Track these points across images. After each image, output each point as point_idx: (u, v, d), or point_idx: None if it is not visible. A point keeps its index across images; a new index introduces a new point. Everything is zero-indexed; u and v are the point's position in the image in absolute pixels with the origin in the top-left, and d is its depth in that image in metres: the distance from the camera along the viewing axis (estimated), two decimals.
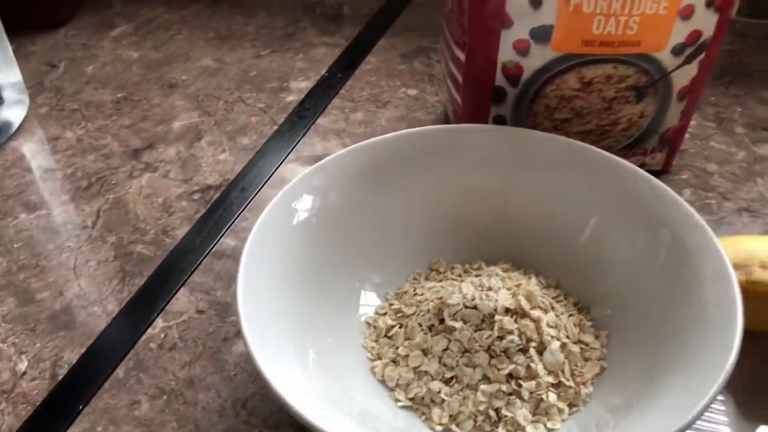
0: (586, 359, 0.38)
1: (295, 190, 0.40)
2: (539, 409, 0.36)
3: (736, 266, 0.37)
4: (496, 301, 0.38)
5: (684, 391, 0.31)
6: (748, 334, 0.38)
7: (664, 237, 0.37)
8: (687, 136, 0.57)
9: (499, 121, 0.49)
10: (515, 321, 0.37)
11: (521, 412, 0.35)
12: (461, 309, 0.38)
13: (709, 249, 0.34)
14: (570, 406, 0.36)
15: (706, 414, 0.36)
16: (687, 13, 0.43)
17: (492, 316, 0.37)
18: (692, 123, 0.58)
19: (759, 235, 0.48)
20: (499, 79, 0.47)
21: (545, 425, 0.35)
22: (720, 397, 0.37)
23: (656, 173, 0.53)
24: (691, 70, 0.46)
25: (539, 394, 0.36)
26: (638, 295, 0.38)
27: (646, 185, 0.39)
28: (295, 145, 0.58)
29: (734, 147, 0.56)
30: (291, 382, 0.32)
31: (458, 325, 0.38)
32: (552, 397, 0.36)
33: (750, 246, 0.38)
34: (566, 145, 0.42)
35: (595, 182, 0.41)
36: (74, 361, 0.42)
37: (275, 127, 0.60)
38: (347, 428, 0.32)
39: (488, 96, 0.48)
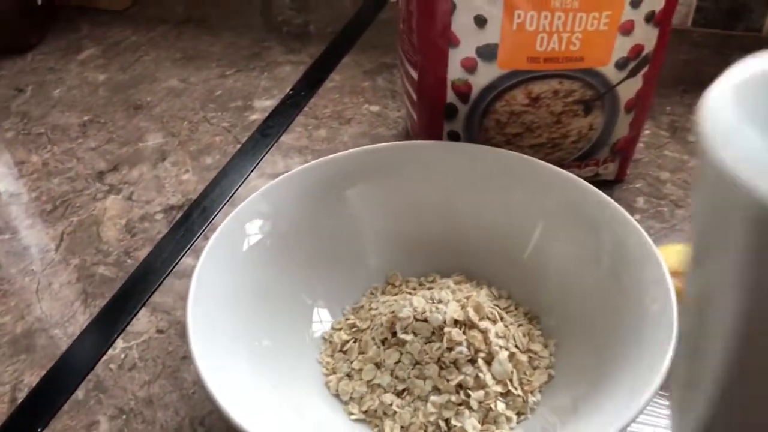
0: (535, 368, 0.39)
1: (245, 212, 0.41)
2: (488, 419, 0.36)
3: (676, 274, 0.38)
4: (445, 313, 0.38)
5: (625, 391, 0.32)
6: None
7: (606, 244, 0.38)
8: (641, 145, 0.58)
9: (453, 136, 0.50)
10: (464, 332, 0.38)
11: (470, 422, 0.36)
12: (412, 322, 0.39)
13: (648, 255, 0.36)
14: (518, 414, 0.37)
15: (649, 410, 0.37)
16: (627, 29, 0.44)
17: (441, 328, 0.38)
18: (646, 132, 0.60)
19: None
20: (450, 97, 0.48)
21: None
22: (663, 393, 0.38)
23: (610, 183, 0.54)
24: (636, 83, 0.48)
25: (488, 404, 0.36)
26: (583, 302, 0.39)
27: (586, 194, 0.40)
28: (258, 163, 0.58)
29: (687, 155, 0.57)
30: (243, 402, 0.33)
31: (409, 337, 0.38)
32: (500, 406, 0.37)
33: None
34: (508, 157, 0.43)
35: (537, 193, 0.42)
36: (34, 384, 0.42)
37: (239, 146, 0.60)
38: None
39: (440, 112, 0.49)
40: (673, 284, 0.36)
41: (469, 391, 0.37)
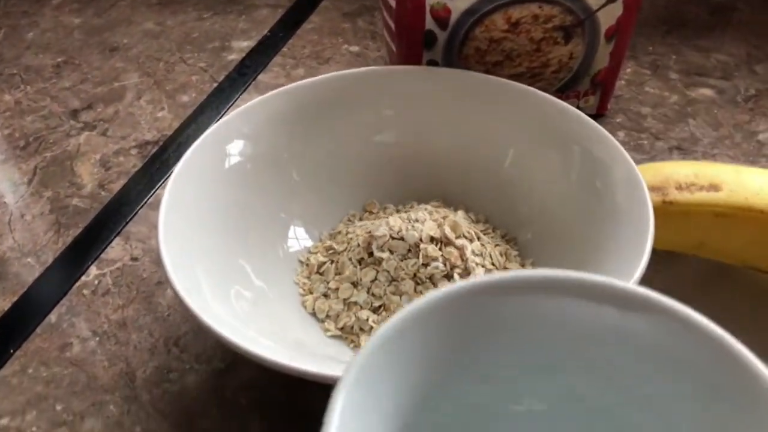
0: None
1: (220, 131, 0.40)
2: None
3: (653, 188, 0.38)
4: (422, 230, 0.38)
5: None
6: (664, 255, 0.39)
7: (575, 153, 0.38)
8: (623, 82, 0.58)
9: (432, 66, 0.49)
10: (440, 249, 0.38)
11: None
12: (388, 240, 0.38)
13: (617, 156, 0.36)
14: None
15: None
16: None
17: (417, 245, 0.38)
18: (628, 70, 0.59)
19: None
20: (429, 23, 0.47)
21: None
22: None
23: (591, 117, 0.54)
24: (617, 9, 0.47)
25: None
26: (558, 213, 0.39)
27: (553, 107, 0.40)
28: (234, 101, 0.58)
29: (668, 91, 0.57)
30: (223, 318, 0.32)
31: (385, 255, 0.38)
32: None
33: (667, 170, 0.39)
34: (480, 79, 0.43)
35: (507, 112, 0.42)
36: (6, 309, 0.42)
37: (215, 85, 0.60)
38: (281, 355, 0.33)
39: (419, 40, 0.48)
40: (653, 198, 0.36)
41: None
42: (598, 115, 0.54)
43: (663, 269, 0.34)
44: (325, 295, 0.39)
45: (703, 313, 0.20)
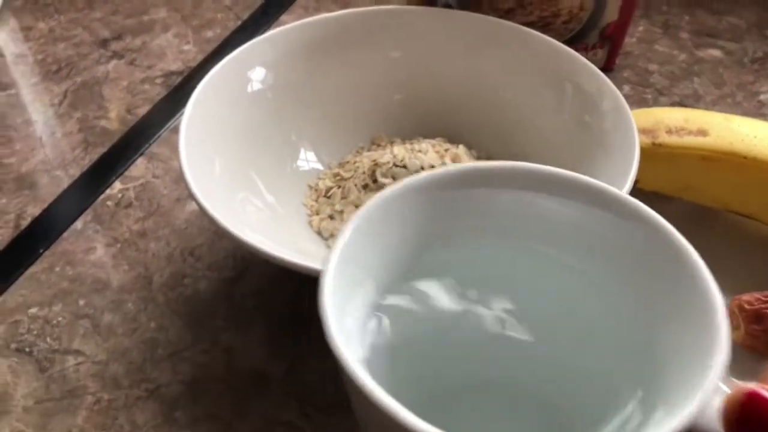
0: None
1: (243, 55, 0.43)
2: None
3: (644, 131, 0.40)
4: (423, 160, 0.41)
5: None
6: (651, 195, 0.41)
7: (568, 90, 0.40)
8: (633, 39, 0.59)
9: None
10: None
11: None
12: (392, 167, 0.41)
13: (604, 89, 0.38)
14: None
15: None
16: None
17: (419, 173, 0.40)
18: (640, 28, 0.61)
19: None
20: None
21: None
22: None
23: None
24: None
25: None
26: (552, 147, 0.41)
27: (550, 47, 0.42)
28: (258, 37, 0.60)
29: (677, 50, 0.59)
30: (238, 223, 0.35)
31: (388, 181, 0.41)
32: None
33: (659, 115, 0.41)
34: (479, 20, 0.45)
35: (508, 53, 0.44)
36: (37, 214, 0.45)
37: (239, 23, 0.62)
38: (291, 256, 0.35)
39: None
40: (641, 140, 0.38)
41: None
42: (605, 69, 0.55)
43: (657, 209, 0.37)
44: (331, 217, 0.42)
45: None
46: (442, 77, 0.46)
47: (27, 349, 0.37)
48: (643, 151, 0.36)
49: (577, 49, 0.53)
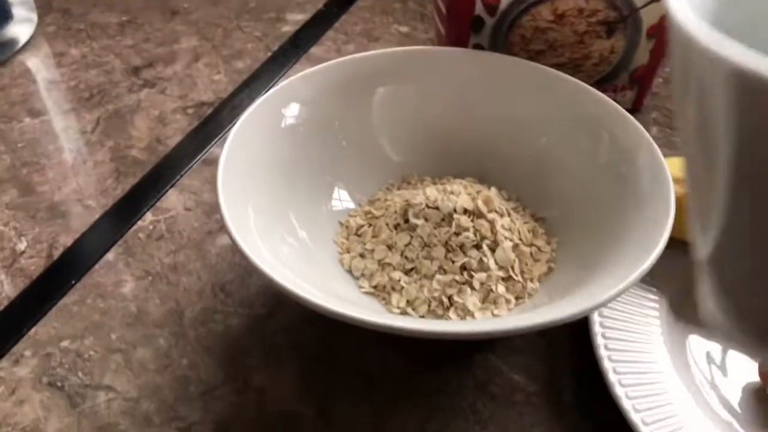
0: (536, 260, 0.41)
1: (280, 94, 0.43)
2: (488, 299, 0.39)
3: (678, 180, 0.40)
4: (456, 202, 0.41)
5: (612, 274, 0.34)
6: (686, 245, 0.41)
7: (604, 139, 0.40)
8: (660, 80, 0.60)
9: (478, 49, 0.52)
10: (472, 220, 0.40)
11: (471, 300, 0.39)
12: (424, 208, 0.41)
13: (642, 143, 0.38)
14: (517, 298, 0.39)
15: (641, 312, 0.39)
16: None
17: (451, 215, 0.41)
18: (667, 69, 0.61)
19: None
20: (479, 9, 0.49)
21: (492, 312, 0.39)
22: (654, 298, 0.40)
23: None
24: (660, 8, 0.49)
25: (489, 285, 0.39)
26: (585, 195, 0.41)
27: (588, 95, 0.42)
28: (287, 70, 0.61)
29: None
30: (270, 261, 0.35)
31: (420, 222, 0.41)
32: (501, 288, 0.39)
33: None
34: (516, 64, 0.45)
35: (543, 98, 0.44)
36: (69, 244, 0.45)
37: (269, 54, 0.63)
38: (321, 299, 0.35)
39: (467, 25, 0.50)
40: (675, 190, 0.38)
41: (473, 273, 0.39)
42: (633, 110, 0.56)
43: (684, 258, 0.36)
44: (362, 255, 0.42)
45: None
46: (474, 118, 0.47)
47: (59, 384, 0.38)
48: (678, 202, 0.36)
49: (605, 90, 0.54)
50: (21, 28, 0.64)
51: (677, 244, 0.34)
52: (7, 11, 0.62)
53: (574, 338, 0.39)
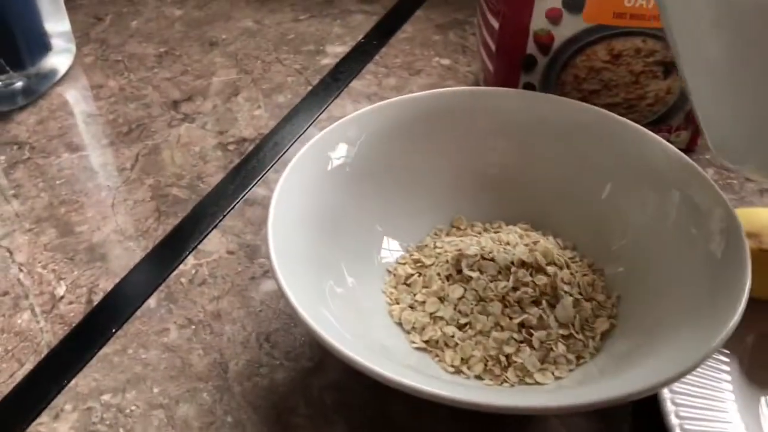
0: (597, 316, 0.39)
1: (328, 137, 0.42)
2: (548, 358, 0.37)
3: (750, 235, 0.38)
4: (514, 254, 0.39)
5: (685, 343, 0.32)
6: (759, 303, 0.39)
7: (674, 197, 0.38)
8: None
9: (529, 89, 0.50)
10: (531, 274, 0.39)
11: (531, 359, 0.37)
12: (478, 260, 0.40)
13: (718, 206, 0.36)
14: (578, 357, 0.37)
15: (712, 377, 0.37)
16: None
17: (508, 268, 0.39)
18: None
19: None
20: (531, 47, 0.48)
21: (553, 373, 0.37)
22: (725, 361, 0.38)
23: (681, 151, 0.54)
24: None
25: (549, 344, 0.37)
26: (651, 254, 0.39)
27: (656, 146, 0.41)
28: (328, 105, 0.59)
29: None
30: (320, 317, 0.34)
31: (475, 275, 0.39)
32: (561, 347, 0.37)
33: (764, 216, 0.39)
34: (583, 109, 0.44)
35: (609, 146, 0.42)
36: (109, 289, 0.44)
37: (309, 88, 0.61)
38: (370, 360, 0.34)
39: (519, 63, 0.49)
40: (749, 245, 0.36)
41: (532, 330, 0.37)
42: (687, 150, 0.54)
43: (756, 318, 0.34)
44: (412, 307, 0.41)
45: None
46: (529, 162, 0.45)
47: None
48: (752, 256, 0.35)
49: (660, 131, 0.52)
50: (60, 59, 0.64)
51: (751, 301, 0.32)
52: (46, 42, 0.62)
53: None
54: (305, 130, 0.56)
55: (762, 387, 0.38)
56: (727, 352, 0.38)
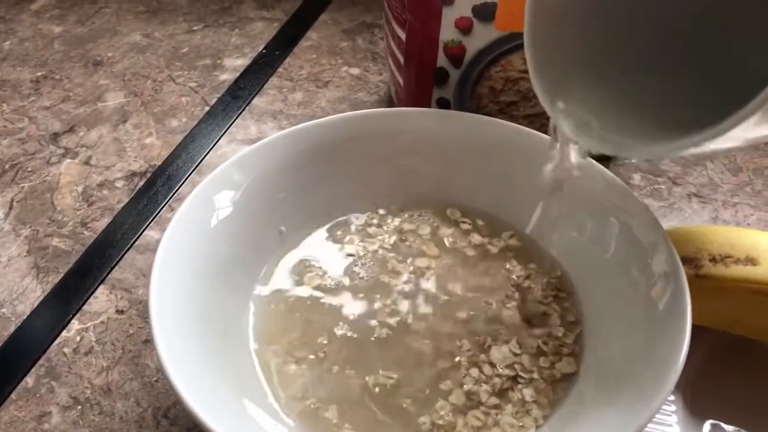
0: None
1: (214, 183, 0.36)
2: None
3: (686, 260, 0.35)
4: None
5: (634, 396, 0.29)
6: (696, 330, 0.36)
7: (613, 227, 0.35)
8: None
9: (443, 103, 0.46)
10: None
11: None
12: None
13: (658, 244, 0.33)
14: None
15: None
16: None
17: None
18: None
19: (708, 222, 0.47)
20: (441, 60, 0.44)
21: None
22: (670, 399, 0.36)
23: (606, 158, 0.51)
24: None
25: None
26: (588, 287, 0.36)
27: (594, 173, 0.37)
28: (228, 127, 0.54)
29: None
30: (209, 398, 0.29)
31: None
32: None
33: (701, 238, 0.36)
34: (506, 128, 0.40)
35: (537, 167, 0.39)
36: None
37: (207, 108, 0.56)
38: None
39: (430, 77, 0.45)
40: (685, 272, 0.33)
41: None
42: (613, 157, 0.51)
43: (695, 346, 0.32)
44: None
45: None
46: (453, 187, 0.41)
47: None
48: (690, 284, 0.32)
49: None
50: None
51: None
52: None
53: None
54: (203, 159, 0.51)
55: (704, 413, 0.35)
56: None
